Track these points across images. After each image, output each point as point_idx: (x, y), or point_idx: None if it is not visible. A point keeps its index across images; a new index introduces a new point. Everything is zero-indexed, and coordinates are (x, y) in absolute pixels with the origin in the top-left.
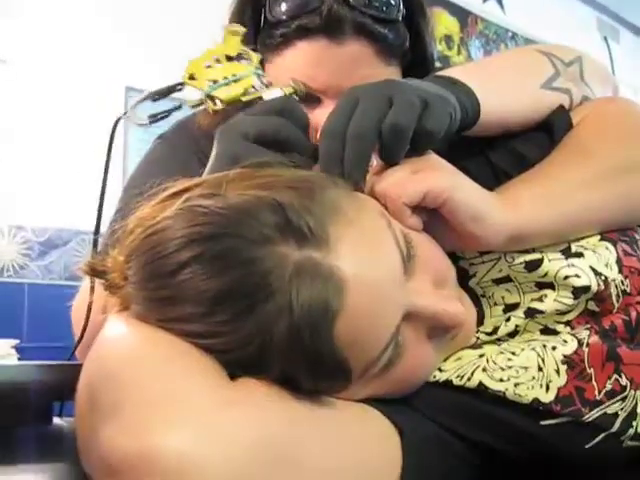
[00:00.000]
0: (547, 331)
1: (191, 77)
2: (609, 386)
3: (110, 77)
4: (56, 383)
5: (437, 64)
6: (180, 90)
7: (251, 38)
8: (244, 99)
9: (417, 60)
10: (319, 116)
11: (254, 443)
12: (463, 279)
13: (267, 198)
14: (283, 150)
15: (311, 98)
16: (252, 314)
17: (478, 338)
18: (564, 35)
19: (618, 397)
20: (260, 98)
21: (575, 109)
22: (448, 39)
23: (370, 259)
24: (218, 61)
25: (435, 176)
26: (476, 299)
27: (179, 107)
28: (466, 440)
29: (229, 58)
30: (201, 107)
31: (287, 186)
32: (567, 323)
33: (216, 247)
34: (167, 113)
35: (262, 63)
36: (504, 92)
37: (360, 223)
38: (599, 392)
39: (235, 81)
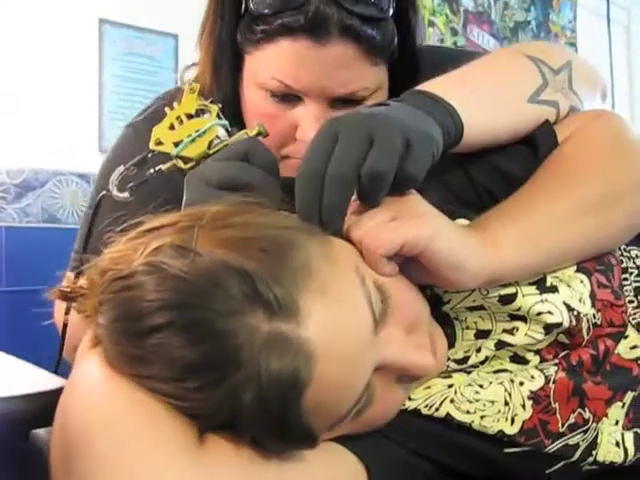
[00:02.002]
0: (517, 358)
1: (159, 142)
2: (572, 419)
3: (83, 9)
4: (32, 412)
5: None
6: (152, 157)
7: (231, 27)
8: (211, 152)
9: (405, 55)
10: (300, 115)
11: None
12: (436, 304)
13: (235, 265)
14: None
15: (292, 97)
16: (222, 385)
17: (448, 366)
18: None
19: (580, 430)
20: (226, 146)
21: (561, 122)
22: None
23: (341, 329)
24: (180, 121)
25: (412, 225)
26: (449, 321)
27: (157, 174)
28: (434, 462)
29: (189, 116)
30: (173, 169)
31: (258, 248)
32: (537, 352)
33: (186, 316)
34: (145, 180)
35: (221, 111)
36: (489, 109)
37: (332, 288)
38: (562, 425)
39: (199, 136)
